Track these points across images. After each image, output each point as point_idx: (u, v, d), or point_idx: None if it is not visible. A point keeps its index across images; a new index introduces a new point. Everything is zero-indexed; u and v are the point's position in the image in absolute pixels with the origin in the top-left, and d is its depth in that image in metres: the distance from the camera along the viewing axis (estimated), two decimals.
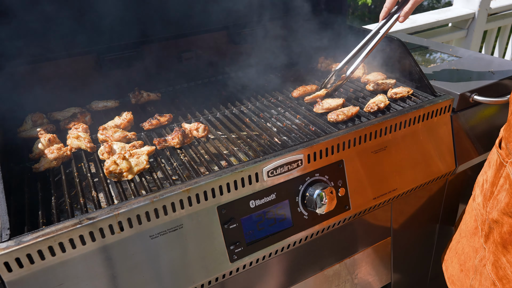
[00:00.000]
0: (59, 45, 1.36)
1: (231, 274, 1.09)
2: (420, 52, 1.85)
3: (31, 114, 1.29)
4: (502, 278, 1.06)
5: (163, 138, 1.17)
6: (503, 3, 3.37)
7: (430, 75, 1.53)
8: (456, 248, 1.31)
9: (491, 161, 1.17)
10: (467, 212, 1.29)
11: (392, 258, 1.54)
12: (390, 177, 1.29)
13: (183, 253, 0.99)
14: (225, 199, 1.02)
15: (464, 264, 1.24)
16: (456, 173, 1.47)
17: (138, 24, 1.45)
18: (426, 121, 1.33)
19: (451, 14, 3.17)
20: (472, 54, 1.77)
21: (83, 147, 1.16)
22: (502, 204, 1.04)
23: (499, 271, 1.06)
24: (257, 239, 1.08)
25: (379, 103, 1.30)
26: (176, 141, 1.14)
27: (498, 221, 1.06)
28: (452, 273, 1.31)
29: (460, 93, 1.38)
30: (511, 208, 1.02)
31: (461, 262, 1.26)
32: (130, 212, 0.90)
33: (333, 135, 1.16)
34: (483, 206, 1.15)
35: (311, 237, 1.20)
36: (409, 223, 1.52)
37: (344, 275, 1.42)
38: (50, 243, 0.83)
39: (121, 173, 1.03)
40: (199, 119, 1.36)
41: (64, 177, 1.06)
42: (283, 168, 1.08)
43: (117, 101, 1.45)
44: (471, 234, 1.21)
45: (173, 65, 1.59)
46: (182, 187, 0.96)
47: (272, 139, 1.20)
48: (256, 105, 1.44)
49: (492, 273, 1.09)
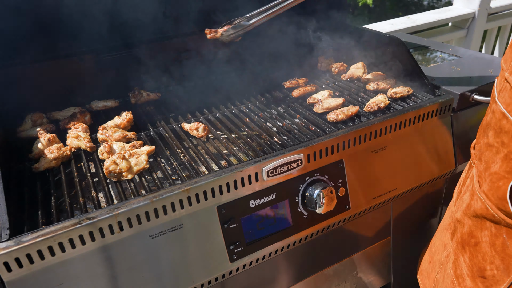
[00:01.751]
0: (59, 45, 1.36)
1: (231, 274, 1.09)
2: (420, 52, 1.85)
3: (31, 114, 1.29)
4: (459, 276, 1.08)
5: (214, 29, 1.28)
6: (503, 3, 3.37)
7: (430, 74, 1.53)
8: (430, 244, 1.33)
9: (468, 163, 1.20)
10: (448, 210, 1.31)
11: (392, 258, 1.53)
12: (390, 177, 1.29)
13: (183, 253, 0.99)
14: (225, 199, 1.02)
15: (433, 257, 1.27)
16: (455, 172, 1.47)
17: (138, 24, 1.45)
18: (426, 121, 1.33)
19: (451, 13, 3.17)
20: (472, 53, 1.77)
21: (82, 147, 1.16)
22: (464, 205, 1.07)
23: (457, 269, 1.09)
24: (257, 239, 1.08)
25: (379, 102, 1.30)
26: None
27: (461, 221, 1.08)
28: (422, 264, 1.35)
29: (460, 93, 1.38)
30: (469, 209, 1.03)
31: (431, 254, 1.29)
32: (130, 212, 0.90)
33: (333, 134, 1.16)
34: (454, 204, 1.18)
35: (311, 237, 1.20)
36: (409, 223, 1.52)
37: (344, 274, 1.42)
38: (49, 243, 0.83)
39: (120, 173, 1.03)
40: (199, 118, 1.36)
41: (64, 177, 1.06)
42: (283, 168, 1.08)
43: (117, 101, 1.45)
44: (443, 229, 1.24)
45: (173, 65, 1.59)
46: (182, 187, 0.95)
47: (272, 139, 1.20)
48: (256, 105, 1.44)
49: (451, 270, 1.11)
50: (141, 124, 1.34)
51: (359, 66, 1.60)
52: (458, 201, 1.13)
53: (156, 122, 1.34)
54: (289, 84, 1.54)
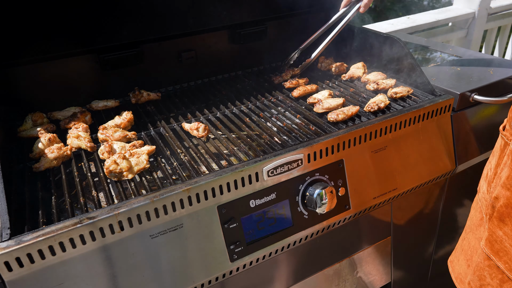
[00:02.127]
0: (59, 45, 1.36)
1: (231, 274, 1.09)
2: (420, 52, 1.85)
3: (31, 114, 1.29)
4: (499, 251, 1.04)
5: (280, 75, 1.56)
6: (503, 3, 3.38)
7: (430, 74, 1.53)
8: (462, 245, 1.28)
9: (495, 150, 1.16)
10: (472, 209, 1.27)
11: (392, 257, 1.54)
12: (390, 177, 1.30)
13: (183, 253, 0.99)
14: (225, 199, 1.02)
15: (471, 259, 1.21)
16: (456, 172, 1.47)
17: (138, 24, 1.45)
18: (426, 121, 1.33)
19: (451, 13, 3.18)
20: (472, 53, 1.77)
21: (83, 147, 1.16)
22: (503, 179, 1.03)
23: (494, 245, 1.05)
24: (257, 239, 1.08)
25: (379, 102, 1.30)
26: None
27: (498, 197, 1.04)
28: (459, 271, 1.27)
29: (460, 93, 1.39)
30: (510, 180, 1.00)
31: (467, 257, 1.23)
32: (130, 212, 0.90)
33: (333, 134, 1.16)
34: (487, 192, 1.13)
35: (311, 236, 1.20)
36: (409, 222, 1.52)
37: (344, 274, 1.43)
38: (50, 243, 0.83)
39: (121, 173, 1.03)
40: (199, 118, 1.36)
41: (64, 177, 1.06)
42: (283, 168, 1.08)
43: (117, 100, 1.45)
44: (476, 226, 1.19)
45: (173, 65, 1.59)
46: (182, 186, 0.96)
47: (272, 139, 1.20)
48: (256, 105, 1.44)
49: (486, 247, 1.07)
50: (142, 124, 1.34)
51: (359, 66, 1.60)
52: (495, 182, 1.09)
53: (157, 122, 1.34)
54: (289, 84, 1.54)
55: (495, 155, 1.14)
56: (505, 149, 1.07)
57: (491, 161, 1.16)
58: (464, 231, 1.30)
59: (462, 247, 1.28)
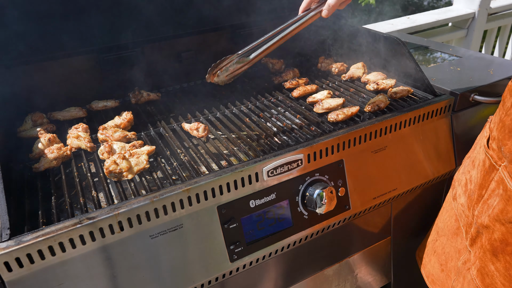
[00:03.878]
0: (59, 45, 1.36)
1: (231, 274, 1.09)
2: (420, 52, 1.85)
3: (31, 114, 1.29)
4: (489, 285, 1.04)
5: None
6: (503, 3, 3.37)
7: (430, 74, 1.53)
8: (434, 247, 1.29)
9: (476, 160, 1.12)
10: (445, 210, 1.27)
11: (392, 257, 1.54)
12: (390, 177, 1.29)
13: (183, 253, 0.99)
14: (225, 199, 1.02)
15: (445, 265, 1.22)
16: (455, 172, 1.47)
17: (138, 24, 1.45)
18: (426, 121, 1.33)
19: (451, 14, 3.17)
20: (472, 53, 1.77)
21: (83, 147, 1.16)
22: (496, 210, 1.01)
23: (486, 278, 1.04)
24: (257, 239, 1.08)
25: (379, 103, 1.30)
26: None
27: (489, 227, 1.03)
28: (431, 272, 1.30)
29: (460, 93, 1.38)
30: (505, 215, 0.98)
31: (441, 262, 1.24)
32: (130, 212, 0.90)
33: (333, 134, 1.16)
34: (468, 208, 1.12)
35: (311, 237, 1.20)
36: (409, 222, 1.52)
37: (344, 274, 1.42)
38: (50, 243, 0.83)
39: (121, 173, 1.03)
40: (199, 118, 1.36)
41: (64, 177, 1.06)
42: (283, 168, 1.08)
43: (117, 101, 1.45)
44: (452, 234, 1.19)
45: (173, 65, 1.59)
46: (182, 186, 0.96)
47: (272, 139, 1.20)
48: (256, 105, 1.44)
49: (477, 279, 1.07)
50: (141, 124, 1.34)
51: (359, 66, 1.60)
52: (481, 206, 1.06)
53: (156, 122, 1.34)
54: (289, 84, 1.54)
55: (478, 169, 1.10)
56: (491, 173, 1.03)
57: (471, 172, 1.13)
58: (436, 232, 1.30)
59: (434, 248, 1.29)
